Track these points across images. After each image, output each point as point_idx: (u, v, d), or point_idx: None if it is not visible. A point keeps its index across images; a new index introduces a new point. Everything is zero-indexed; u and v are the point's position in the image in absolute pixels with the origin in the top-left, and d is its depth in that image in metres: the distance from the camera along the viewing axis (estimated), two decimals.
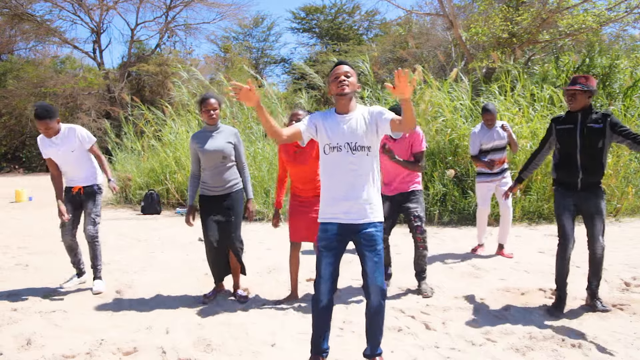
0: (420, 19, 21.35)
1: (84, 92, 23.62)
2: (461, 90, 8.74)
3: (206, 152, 3.78)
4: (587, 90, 3.38)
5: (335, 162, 2.55)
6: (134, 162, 10.77)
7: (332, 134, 2.55)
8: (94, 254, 4.27)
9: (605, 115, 3.42)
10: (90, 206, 4.21)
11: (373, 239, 2.54)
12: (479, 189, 5.33)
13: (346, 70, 2.56)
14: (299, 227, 3.81)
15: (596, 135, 3.41)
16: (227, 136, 3.87)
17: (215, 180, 3.84)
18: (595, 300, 3.57)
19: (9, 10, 22.66)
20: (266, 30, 31.60)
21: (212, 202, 3.86)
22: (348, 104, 2.58)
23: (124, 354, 2.95)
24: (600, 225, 3.44)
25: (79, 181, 4.22)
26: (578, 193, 3.51)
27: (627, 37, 15.53)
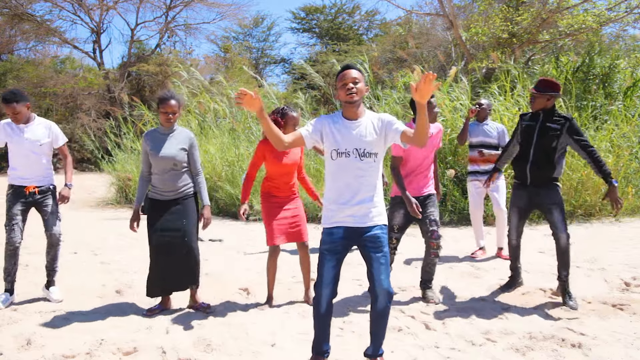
0: (420, 19, 21.36)
1: (84, 92, 23.60)
2: (461, 91, 8.74)
3: (157, 157, 3.53)
4: (545, 94, 3.65)
5: (342, 168, 2.54)
6: (134, 162, 10.77)
7: (341, 140, 2.54)
8: (55, 255, 3.99)
9: (566, 119, 3.66)
10: (51, 206, 3.92)
11: (379, 241, 2.54)
12: (470, 188, 5.31)
13: (354, 76, 2.52)
14: (278, 229, 3.68)
15: (552, 134, 3.65)
16: (180, 141, 3.60)
17: (166, 185, 3.58)
18: (565, 295, 3.69)
19: (9, 10, 22.64)
20: (266, 30, 31.59)
21: (162, 207, 3.58)
22: (357, 110, 2.57)
23: (124, 354, 2.95)
24: (558, 215, 3.65)
25: (33, 180, 3.87)
26: (528, 189, 3.78)
27: (627, 37, 15.53)
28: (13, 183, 3.89)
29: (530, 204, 3.84)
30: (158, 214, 3.58)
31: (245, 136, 9.95)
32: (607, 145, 7.62)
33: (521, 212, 3.90)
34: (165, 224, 3.55)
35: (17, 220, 3.82)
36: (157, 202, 3.60)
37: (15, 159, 3.88)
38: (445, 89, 8.61)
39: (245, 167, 8.73)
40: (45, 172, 3.97)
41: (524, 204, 3.86)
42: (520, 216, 3.91)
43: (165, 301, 3.75)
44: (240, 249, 5.97)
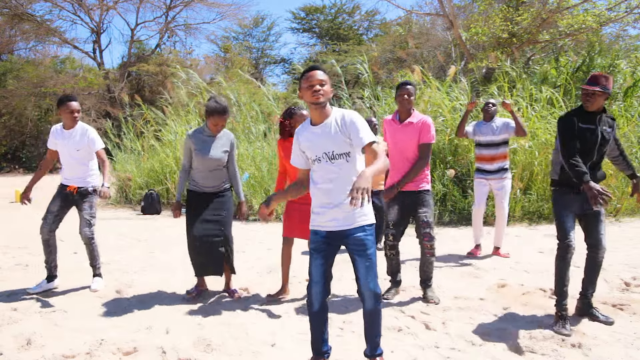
0: (420, 19, 21.35)
1: (84, 92, 23.58)
2: (460, 91, 8.74)
3: (203, 157, 3.83)
4: (606, 92, 3.18)
5: (318, 173, 2.56)
6: (134, 162, 10.77)
7: (311, 147, 2.55)
8: (92, 254, 4.27)
9: (613, 120, 3.34)
10: (85, 207, 4.17)
11: (362, 244, 2.51)
12: (475, 186, 5.36)
13: (321, 77, 2.48)
14: (293, 223, 3.89)
15: (609, 138, 3.30)
16: (224, 144, 3.92)
17: (207, 181, 3.92)
18: (594, 310, 3.38)
19: (9, 10, 22.63)
20: (266, 30, 31.57)
21: (202, 199, 3.92)
22: (322, 113, 2.53)
23: (124, 354, 2.95)
24: (602, 227, 3.29)
25: (74, 181, 4.19)
26: (578, 195, 3.27)
27: (627, 37, 15.54)
28: (62, 182, 4.25)
29: (579, 210, 3.32)
30: (198, 205, 3.92)
31: (245, 136, 9.95)
32: None
33: (575, 216, 3.32)
34: (206, 215, 3.89)
35: (52, 213, 4.15)
36: (197, 195, 3.95)
37: (63, 162, 4.26)
38: (444, 89, 8.61)
39: (245, 167, 8.74)
40: (86, 174, 4.24)
41: (576, 208, 3.31)
42: (574, 220, 3.31)
43: (201, 283, 4.11)
44: (240, 248, 5.97)
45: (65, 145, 4.17)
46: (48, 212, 4.16)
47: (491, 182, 5.20)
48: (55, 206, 4.17)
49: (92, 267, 4.32)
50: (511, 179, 5.35)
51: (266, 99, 10.99)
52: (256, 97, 12.63)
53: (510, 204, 7.10)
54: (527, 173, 7.34)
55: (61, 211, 4.20)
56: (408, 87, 3.81)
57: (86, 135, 4.20)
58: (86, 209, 4.18)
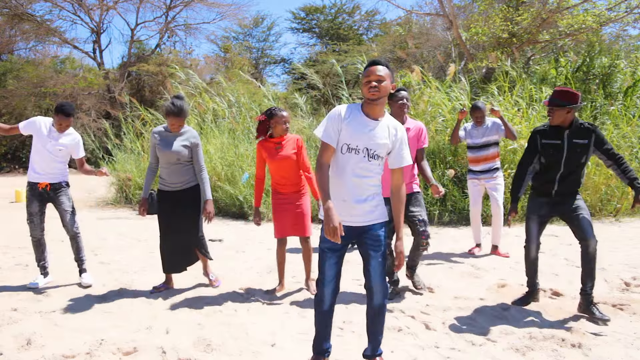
0: (420, 19, 21.34)
1: (84, 92, 23.58)
2: (460, 91, 8.74)
3: (164, 152, 3.96)
4: (564, 107, 3.32)
5: (348, 164, 2.49)
6: (134, 162, 10.77)
7: (355, 135, 2.47)
8: (78, 247, 4.35)
9: (590, 131, 3.39)
10: (63, 201, 4.26)
11: (379, 239, 2.54)
12: (469, 187, 5.50)
13: (380, 73, 2.43)
14: (283, 224, 3.98)
15: (581, 150, 3.39)
16: (185, 139, 4.01)
17: (171, 177, 4.03)
18: (592, 307, 3.39)
19: (9, 10, 22.62)
20: (266, 30, 31.55)
21: (170, 197, 4.04)
22: (377, 109, 2.50)
23: (124, 354, 2.95)
24: (586, 221, 3.40)
25: (46, 177, 4.23)
26: (553, 198, 3.53)
27: (627, 37, 15.54)
28: (31, 180, 4.24)
29: (551, 212, 3.58)
30: (166, 204, 4.05)
31: (244, 136, 9.95)
32: None
33: (542, 220, 3.61)
34: (174, 213, 4.03)
35: (34, 215, 4.23)
36: (165, 193, 4.06)
37: (35, 156, 4.22)
38: (444, 89, 8.61)
39: (245, 166, 8.74)
40: (59, 171, 4.29)
41: (545, 212, 3.58)
42: (540, 225, 3.62)
43: (168, 280, 4.26)
44: (240, 248, 5.97)
45: (49, 142, 4.20)
46: (31, 215, 4.23)
47: (484, 182, 5.34)
48: (35, 207, 4.24)
49: (78, 261, 4.39)
50: (503, 177, 5.47)
51: (266, 100, 10.98)
52: (256, 97, 12.62)
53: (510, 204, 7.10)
54: None
55: (41, 210, 4.28)
56: (403, 93, 3.85)
57: (74, 142, 4.34)
58: (65, 202, 4.27)
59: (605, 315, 3.33)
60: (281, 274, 4.17)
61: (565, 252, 5.35)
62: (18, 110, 23.05)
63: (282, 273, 4.17)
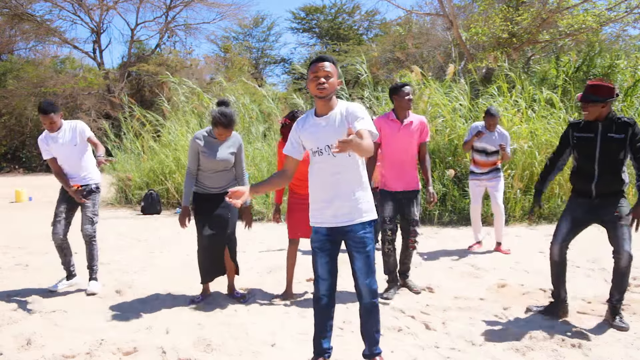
0: (420, 19, 21.35)
1: (84, 92, 23.60)
2: (459, 91, 8.74)
3: (211, 159, 3.76)
4: (598, 102, 3.15)
5: (318, 166, 2.52)
6: (134, 162, 10.77)
7: (313, 139, 2.50)
8: (91, 254, 4.25)
9: (628, 125, 3.18)
10: (88, 205, 4.17)
11: (362, 240, 2.50)
12: (470, 187, 5.65)
13: (327, 70, 2.41)
14: (298, 224, 3.86)
15: (617, 146, 3.19)
16: (231, 145, 3.86)
17: (213, 183, 3.86)
18: (616, 317, 3.26)
19: (9, 10, 22.65)
20: (266, 30, 31.58)
21: (208, 201, 3.85)
22: (327, 105, 2.49)
23: (124, 354, 2.95)
24: (622, 231, 3.18)
25: (77, 179, 4.18)
26: (592, 201, 3.30)
27: (627, 37, 15.54)
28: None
29: (590, 216, 3.33)
30: (205, 207, 3.86)
31: (244, 136, 9.95)
32: None
33: (575, 222, 3.35)
34: (212, 217, 3.82)
35: (60, 217, 4.17)
36: (203, 197, 3.88)
37: (63, 163, 4.18)
38: (443, 89, 8.61)
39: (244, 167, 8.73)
40: (87, 171, 4.25)
41: (581, 214, 3.35)
42: (572, 227, 3.36)
43: (206, 290, 4.03)
44: (240, 248, 5.96)
45: (60, 146, 4.14)
46: (56, 216, 4.16)
47: (485, 182, 5.48)
48: (62, 208, 4.17)
49: (89, 269, 4.27)
50: (503, 177, 5.63)
51: (266, 100, 10.99)
52: (256, 97, 12.63)
53: (510, 204, 7.12)
54: (527, 173, 7.34)
55: (69, 213, 4.21)
56: (409, 88, 3.94)
57: (76, 128, 4.20)
58: (89, 207, 4.18)
59: (624, 325, 3.22)
60: (290, 278, 3.98)
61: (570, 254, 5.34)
62: (18, 110, 23.07)
63: (291, 277, 3.98)
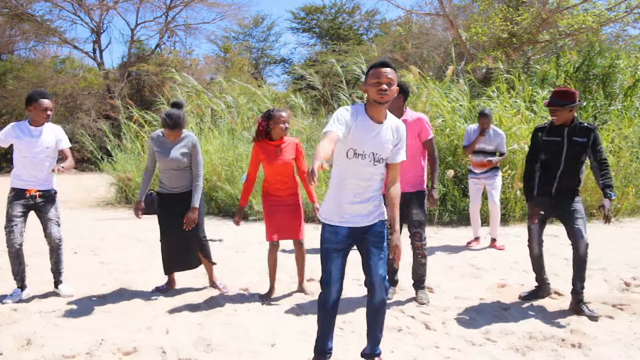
0: (420, 19, 21.34)
1: (84, 92, 23.60)
2: (459, 92, 8.73)
3: (164, 159, 3.88)
4: (566, 106, 3.46)
5: (354, 169, 2.48)
6: (134, 162, 10.77)
7: (361, 140, 2.44)
8: (58, 259, 4.09)
9: (590, 130, 3.53)
10: (51, 211, 4.00)
11: (381, 236, 2.58)
12: (470, 185, 5.88)
13: (390, 77, 2.40)
14: (277, 227, 3.87)
15: (580, 149, 3.53)
16: (183, 146, 3.91)
17: (172, 182, 3.97)
18: (582, 305, 3.45)
19: (9, 10, 22.64)
20: (266, 30, 31.60)
21: (171, 200, 3.98)
22: (382, 112, 2.49)
23: (124, 354, 2.95)
24: (579, 222, 3.48)
25: (35, 183, 3.94)
26: (550, 198, 3.63)
27: (627, 37, 15.54)
28: (14, 186, 3.95)
29: (549, 213, 3.70)
30: (168, 206, 3.99)
31: (243, 136, 9.95)
32: (609, 146, 7.63)
33: (542, 220, 3.74)
34: (175, 215, 3.93)
35: (17, 221, 3.89)
36: (166, 196, 4.01)
37: (22, 161, 3.92)
38: (442, 90, 8.60)
39: (245, 167, 8.73)
40: (48, 176, 4.02)
41: (545, 212, 3.67)
42: (541, 224, 3.76)
43: (171, 281, 4.24)
44: (240, 248, 5.97)
45: (32, 142, 3.89)
46: (11, 220, 3.86)
47: (484, 181, 5.73)
48: (17, 212, 3.89)
49: (55, 272, 4.12)
50: (501, 176, 5.89)
51: (265, 100, 10.99)
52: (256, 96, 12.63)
53: (510, 204, 7.14)
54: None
55: (24, 217, 3.96)
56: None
57: (59, 132, 4.06)
58: (52, 211, 4.01)
59: (594, 313, 3.39)
60: (272, 279, 4.02)
61: (565, 252, 5.34)
62: (18, 110, 23.04)
63: (273, 277, 4.02)
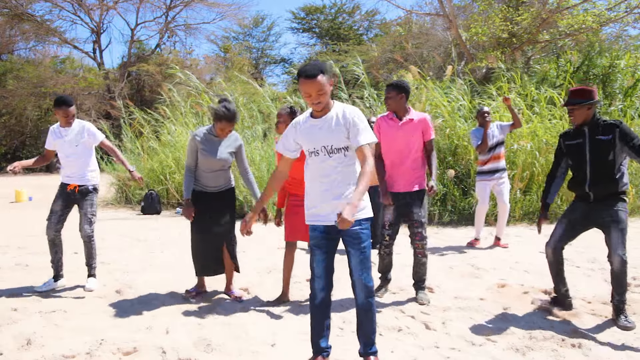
0: (420, 19, 21.34)
1: (84, 92, 23.61)
2: (459, 91, 8.74)
3: (210, 158, 3.77)
4: (584, 104, 3.29)
5: (314, 166, 2.58)
6: (134, 163, 10.78)
7: (309, 140, 2.56)
8: (90, 252, 4.28)
9: (614, 125, 3.27)
10: (86, 206, 4.19)
11: (358, 237, 2.54)
12: (478, 187, 5.81)
13: (318, 86, 2.41)
14: (295, 227, 3.79)
15: (605, 147, 3.27)
16: (230, 145, 3.87)
17: (210, 181, 3.88)
18: (619, 315, 3.27)
19: (9, 10, 22.67)
20: (266, 30, 31.65)
21: (207, 199, 3.88)
22: (322, 109, 2.54)
23: (124, 354, 2.95)
24: (616, 236, 3.24)
25: (74, 179, 4.20)
26: (590, 204, 3.38)
27: (627, 37, 15.53)
28: (62, 181, 4.27)
29: (587, 220, 3.41)
30: (203, 205, 3.85)
31: (243, 136, 9.95)
32: None
33: (571, 225, 3.46)
34: (210, 215, 3.84)
35: (55, 213, 4.20)
36: (202, 195, 3.89)
37: (62, 161, 4.27)
38: (442, 90, 8.61)
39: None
40: (87, 171, 4.26)
41: (578, 217, 3.43)
42: (567, 229, 3.47)
43: (201, 284, 4.10)
44: (240, 248, 5.96)
45: (63, 143, 4.20)
46: (52, 212, 4.20)
47: (492, 183, 5.69)
48: (58, 206, 4.20)
49: (88, 266, 4.31)
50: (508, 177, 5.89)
51: (265, 99, 11.00)
52: (256, 96, 12.63)
53: (511, 204, 7.12)
54: (527, 173, 7.34)
55: (64, 211, 4.24)
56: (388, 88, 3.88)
57: (85, 130, 4.25)
58: (87, 207, 4.19)
59: (628, 323, 3.21)
60: (287, 282, 3.91)
61: (565, 252, 5.33)
62: (18, 110, 23.09)
63: (287, 280, 3.91)
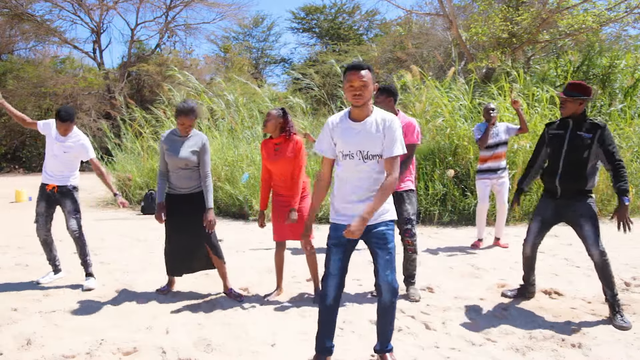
0: (420, 19, 21.33)
1: (84, 92, 23.60)
2: (460, 91, 8.74)
3: (173, 157, 3.85)
4: (577, 98, 3.38)
5: (347, 169, 2.60)
6: (134, 162, 10.78)
7: (345, 142, 2.57)
8: (82, 250, 4.37)
9: (598, 127, 3.35)
10: (68, 204, 4.31)
11: (384, 237, 2.58)
12: (478, 186, 5.78)
13: (364, 80, 2.47)
14: (282, 227, 3.87)
15: (583, 144, 3.36)
16: (193, 144, 3.89)
17: (179, 182, 3.92)
18: (615, 314, 3.31)
19: (9, 10, 22.64)
20: (266, 30, 31.63)
21: (177, 200, 3.93)
22: (363, 111, 2.56)
23: (124, 354, 2.95)
24: (589, 229, 3.33)
25: (55, 179, 4.31)
26: (556, 200, 3.50)
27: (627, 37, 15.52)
28: (42, 181, 4.35)
29: (556, 216, 3.54)
30: (175, 207, 3.93)
31: (243, 136, 9.96)
32: None
33: (544, 223, 3.60)
34: (181, 217, 3.91)
35: (40, 215, 4.32)
36: (173, 197, 3.96)
37: (47, 157, 4.34)
38: (443, 90, 8.61)
39: (245, 167, 8.74)
40: (67, 174, 4.35)
41: (550, 215, 3.56)
42: (542, 227, 3.62)
43: (171, 282, 4.22)
44: (240, 248, 5.97)
45: (55, 143, 4.29)
46: (37, 215, 4.33)
47: (493, 181, 5.66)
48: (41, 208, 4.33)
49: (83, 265, 4.39)
50: (508, 176, 5.83)
51: (265, 100, 11.01)
52: (256, 97, 12.64)
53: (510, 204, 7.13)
54: None
55: (48, 211, 4.36)
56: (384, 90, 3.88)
57: (78, 143, 4.35)
58: (69, 205, 4.31)
59: (624, 323, 3.24)
60: (279, 279, 4.07)
61: (565, 252, 5.36)
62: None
63: (280, 277, 4.07)
